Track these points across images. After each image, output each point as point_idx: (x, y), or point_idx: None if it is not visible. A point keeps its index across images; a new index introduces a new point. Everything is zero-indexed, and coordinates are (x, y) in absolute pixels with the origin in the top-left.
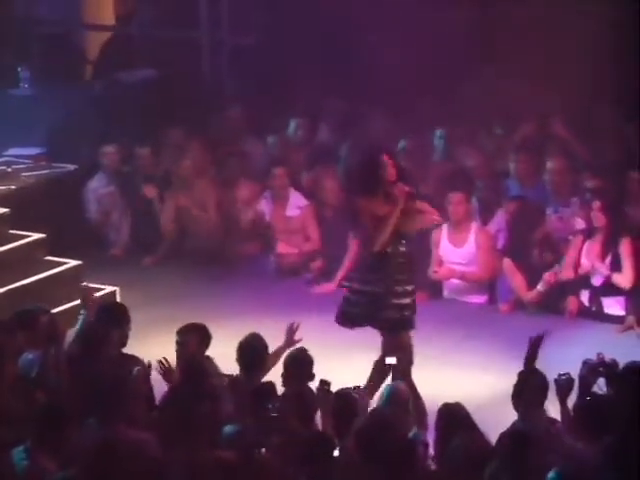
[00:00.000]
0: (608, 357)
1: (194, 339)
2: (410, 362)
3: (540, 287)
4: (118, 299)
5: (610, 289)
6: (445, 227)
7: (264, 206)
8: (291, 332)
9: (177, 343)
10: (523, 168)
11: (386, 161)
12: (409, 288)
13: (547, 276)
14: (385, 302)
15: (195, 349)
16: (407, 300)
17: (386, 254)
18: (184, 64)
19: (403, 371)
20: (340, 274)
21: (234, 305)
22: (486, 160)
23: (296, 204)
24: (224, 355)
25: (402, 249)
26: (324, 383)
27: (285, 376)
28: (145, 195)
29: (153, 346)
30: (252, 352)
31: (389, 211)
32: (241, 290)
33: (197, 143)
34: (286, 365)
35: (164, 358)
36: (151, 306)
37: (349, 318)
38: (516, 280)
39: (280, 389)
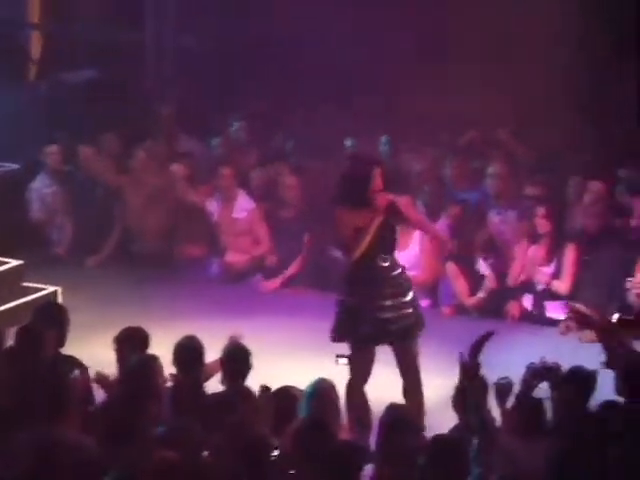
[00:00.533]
0: (551, 361)
1: (129, 345)
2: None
3: (481, 293)
4: (60, 300)
5: (553, 294)
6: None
7: (212, 207)
8: (235, 339)
9: (115, 350)
10: (456, 173)
11: (376, 173)
12: (389, 303)
13: (488, 282)
14: (364, 316)
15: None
16: (388, 314)
17: (366, 267)
18: (128, 65)
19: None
20: (287, 273)
21: (179, 308)
22: (432, 165)
23: (243, 207)
24: (165, 358)
25: (383, 264)
26: (264, 389)
27: (223, 372)
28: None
29: (95, 348)
30: (187, 353)
31: (369, 221)
32: (186, 293)
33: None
34: (223, 361)
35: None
36: (93, 308)
37: (336, 333)
38: (459, 284)
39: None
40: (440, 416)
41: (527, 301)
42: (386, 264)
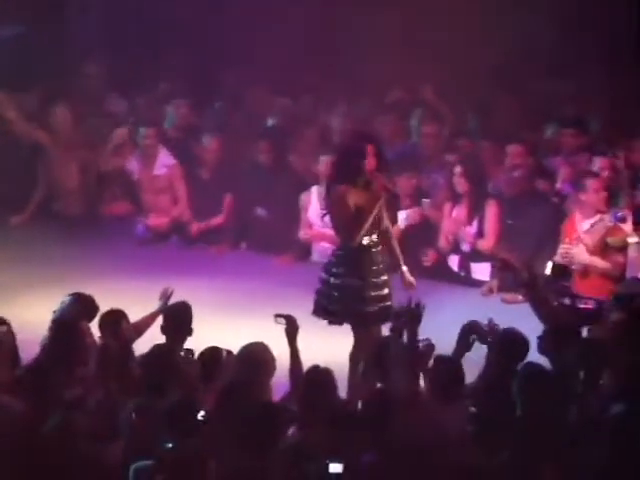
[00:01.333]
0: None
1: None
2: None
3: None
4: None
5: (479, 255)
6: (315, 189)
7: (132, 165)
8: (165, 296)
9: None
10: (389, 129)
11: (369, 150)
12: (385, 277)
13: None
14: (363, 295)
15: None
16: (386, 290)
17: (362, 246)
18: (50, 20)
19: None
20: (202, 225)
21: (103, 267)
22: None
23: (163, 163)
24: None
25: (376, 239)
26: (188, 352)
27: (164, 328)
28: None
29: (17, 308)
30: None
31: (368, 202)
32: (109, 253)
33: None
34: (166, 317)
35: None
36: (16, 268)
37: (327, 313)
38: None
39: None
40: None
41: (453, 262)
42: (376, 240)
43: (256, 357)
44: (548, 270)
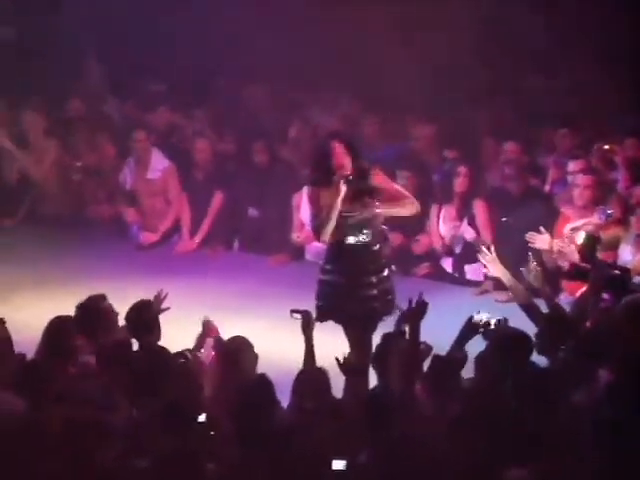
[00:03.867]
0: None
1: None
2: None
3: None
4: None
5: (472, 256)
6: (306, 190)
7: (126, 172)
8: (159, 300)
9: None
10: (372, 130)
11: (334, 147)
12: (374, 279)
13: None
14: (346, 293)
15: None
16: (374, 291)
17: (347, 245)
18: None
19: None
20: (200, 234)
21: (90, 269)
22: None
23: (157, 167)
24: None
25: (365, 238)
26: (181, 355)
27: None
28: None
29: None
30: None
31: (333, 199)
32: (99, 253)
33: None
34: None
35: None
36: (5, 270)
37: (318, 311)
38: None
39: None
40: None
41: (447, 264)
42: (367, 239)
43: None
44: (579, 239)
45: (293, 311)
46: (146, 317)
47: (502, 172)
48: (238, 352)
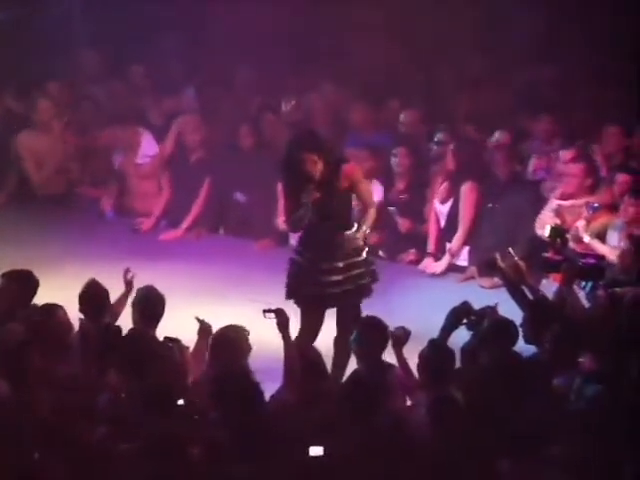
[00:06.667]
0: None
1: (15, 286)
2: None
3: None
4: None
5: (452, 231)
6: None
7: (118, 153)
8: (127, 278)
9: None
10: (360, 116)
11: (304, 159)
12: (341, 264)
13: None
14: (307, 277)
15: (17, 296)
16: (338, 277)
17: (312, 229)
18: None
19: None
20: (188, 220)
21: (77, 250)
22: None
23: (146, 153)
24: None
25: (335, 226)
26: (168, 339)
27: (134, 316)
28: None
29: None
30: (94, 298)
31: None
32: (86, 235)
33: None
34: (134, 304)
35: None
36: None
37: (286, 290)
38: None
39: None
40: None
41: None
42: (336, 226)
43: (232, 341)
44: (546, 232)
45: (266, 311)
46: (96, 298)
47: (491, 157)
48: (234, 342)
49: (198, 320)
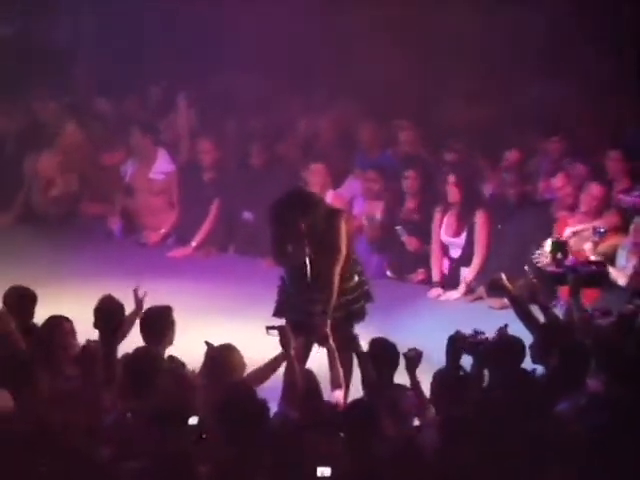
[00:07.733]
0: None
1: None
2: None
3: None
4: None
5: (468, 260)
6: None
7: (128, 167)
8: (137, 297)
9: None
10: (369, 135)
11: (300, 228)
12: (318, 296)
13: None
14: (295, 303)
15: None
16: (319, 307)
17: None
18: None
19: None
20: (198, 238)
21: (84, 269)
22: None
23: (161, 169)
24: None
25: (310, 262)
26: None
27: (144, 336)
28: None
29: None
30: (110, 314)
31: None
32: (92, 254)
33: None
34: (142, 325)
35: None
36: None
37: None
38: None
39: None
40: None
41: (444, 267)
42: (310, 261)
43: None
44: (547, 247)
45: (269, 328)
46: (111, 313)
47: (501, 179)
48: (225, 359)
49: (207, 344)
